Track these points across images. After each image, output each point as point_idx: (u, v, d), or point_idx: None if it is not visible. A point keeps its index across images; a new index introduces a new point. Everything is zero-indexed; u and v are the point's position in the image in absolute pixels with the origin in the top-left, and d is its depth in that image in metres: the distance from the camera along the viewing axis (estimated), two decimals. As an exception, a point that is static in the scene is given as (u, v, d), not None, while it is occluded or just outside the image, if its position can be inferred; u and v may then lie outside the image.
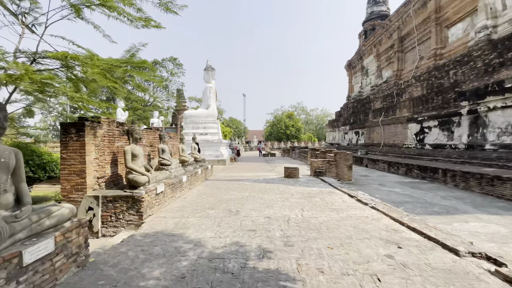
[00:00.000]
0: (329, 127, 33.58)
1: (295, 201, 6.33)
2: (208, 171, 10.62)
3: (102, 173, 5.45)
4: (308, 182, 9.30)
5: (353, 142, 24.92)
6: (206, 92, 17.52)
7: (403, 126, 16.54)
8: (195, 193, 7.47)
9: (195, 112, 17.38)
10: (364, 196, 6.73)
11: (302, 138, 53.20)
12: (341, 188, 7.77)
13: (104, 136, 5.54)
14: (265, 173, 11.97)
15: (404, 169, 12.21)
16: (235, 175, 11.33)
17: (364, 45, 28.05)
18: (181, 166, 8.52)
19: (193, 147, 10.61)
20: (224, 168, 14.59)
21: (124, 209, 4.98)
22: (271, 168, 14.37)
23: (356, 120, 25.06)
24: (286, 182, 9.22)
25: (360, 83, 29.16)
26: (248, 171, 12.90)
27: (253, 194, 7.19)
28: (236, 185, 8.80)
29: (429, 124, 13.96)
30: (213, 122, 17.50)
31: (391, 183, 10.07)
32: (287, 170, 10.28)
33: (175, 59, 54.72)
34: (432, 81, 14.94)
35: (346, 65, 33.06)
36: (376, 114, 20.86)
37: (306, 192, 7.42)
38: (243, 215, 5.16)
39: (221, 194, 7.34)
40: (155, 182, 5.77)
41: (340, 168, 10.59)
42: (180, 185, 7.08)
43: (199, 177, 9.06)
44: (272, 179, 10.00)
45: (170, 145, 9.29)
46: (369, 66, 27.34)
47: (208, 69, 17.91)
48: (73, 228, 3.03)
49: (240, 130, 63.18)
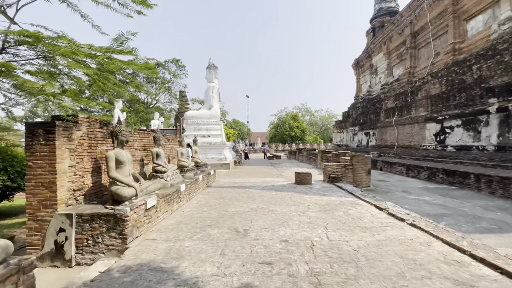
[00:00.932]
0: (336, 128, 32.41)
1: (314, 216, 5.26)
2: (210, 177, 9.59)
3: (80, 184, 4.45)
4: (324, 189, 8.22)
5: (363, 144, 23.74)
6: (209, 91, 16.55)
7: (420, 126, 15.37)
8: (195, 204, 6.43)
9: (197, 113, 16.41)
10: (396, 209, 5.63)
11: (307, 139, 52.01)
12: (364, 198, 6.67)
13: (83, 138, 4.55)
14: (273, 179, 10.90)
15: (427, 173, 11.05)
16: (240, 181, 10.29)
17: (372, 43, 26.95)
18: (180, 173, 7.50)
19: (193, 150, 9.60)
20: (228, 172, 13.56)
21: (104, 231, 3.96)
22: (278, 172, 13.30)
23: (366, 121, 23.90)
24: (299, 190, 8.14)
25: (368, 82, 28.00)
26: (254, 176, 11.85)
27: (262, 206, 6.14)
28: (242, 193, 7.76)
29: (451, 123, 12.79)
30: (216, 123, 16.51)
31: (416, 190, 8.93)
32: (298, 175, 9.21)
33: (177, 61, 54.08)
34: (453, 77, 13.78)
35: (353, 64, 31.94)
36: (388, 114, 19.71)
37: (324, 203, 6.34)
38: (253, 237, 4.10)
39: (225, 205, 6.30)
40: (145, 195, 4.75)
41: (358, 173, 9.48)
42: (178, 195, 6.05)
43: (200, 184, 8.04)
44: (281, 186, 8.93)
45: (168, 148, 8.29)
46: (378, 64, 26.20)
47: (211, 67, 16.95)
48: (5, 277, 2.01)
49: (244, 132, 62.26)
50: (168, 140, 8.20)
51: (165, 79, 53.07)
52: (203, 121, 16.05)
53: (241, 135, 57.69)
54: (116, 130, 4.63)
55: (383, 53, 24.41)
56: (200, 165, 9.50)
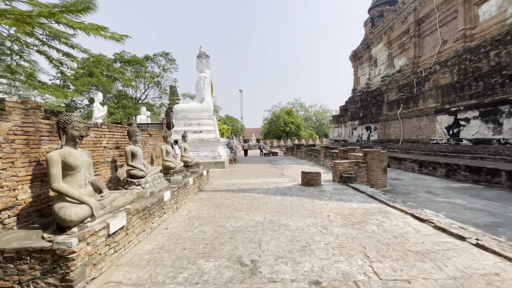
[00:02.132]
0: (334, 122, 31.32)
1: (342, 233, 3.97)
2: (203, 179, 8.20)
3: (10, 200, 3.01)
4: (338, 193, 6.95)
5: (363, 139, 22.69)
6: (200, 82, 15.02)
7: (429, 119, 14.31)
8: (183, 217, 5.05)
9: (187, 106, 14.88)
10: (443, 220, 4.40)
11: (302, 135, 50.93)
12: (393, 204, 5.43)
13: (14, 133, 3.10)
14: (275, 179, 9.59)
15: (444, 170, 9.95)
16: (238, 183, 8.94)
17: (371, 33, 25.79)
18: (164, 176, 6.09)
19: (182, 148, 8.16)
20: (223, 172, 12.17)
21: (38, 275, 2.56)
22: (279, 171, 11.98)
23: (366, 114, 22.83)
24: (309, 194, 6.85)
25: (367, 74, 26.91)
26: (253, 176, 10.50)
27: (270, 218, 4.81)
28: (242, 199, 6.41)
29: (467, 115, 11.73)
30: (209, 117, 15.05)
31: (441, 190, 7.78)
32: (305, 176, 7.92)
33: (167, 54, 52.00)
34: (466, 66, 12.70)
35: (350, 56, 30.79)
36: (391, 107, 18.64)
37: (347, 212, 5.06)
38: (266, 276, 2.78)
39: (222, 217, 4.95)
40: (109, 213, 3.34)
41: (373, 171, 8.27)
42: (160, 207, 4.66)
43: (190, 189, 6.65)
44: (287, 189, 7.63)
45: (151, 146, 6.85)
46: (378, 56, 25.09)
47: (202, 56, 15.41)
48: None
49: (237, 128, 60.77)
50: (150, 136, 6.75)
51: (154, 73, 50.95)
52: (194, 115, 14.55)
53: (235, 131, 56.20)
54: (64, 120, 3.19)
55: (384, 43, 23.28)
56: (191, 165, 8.08)
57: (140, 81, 50.15)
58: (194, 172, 7.91)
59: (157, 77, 49.94)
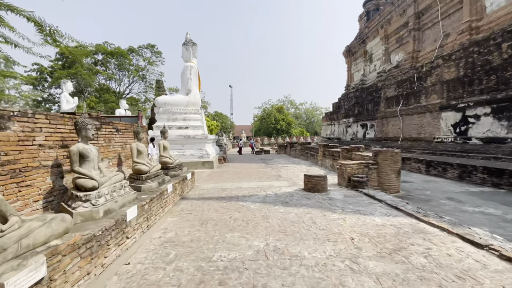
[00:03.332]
0: (326, 120, 30.43)
1: (382, 272, 2.74)
2: (186, 183, 6.82)
3: None
4: (351, 201, 5.77)
5: (358, 137, 21.83)
6: (186, 73, 13.48)
7: (432, 116, 13.46)
8: (154, 242, 3.69)
9: (172, 98, 13.30)
10: (505, 245, 3.27)
11: (293, 132, 49.98)
12: (427, 219, 4.29)
13: None
14: (272, 182, 8.32)
15: (457, 172, 9.02)
16: (229, 187, 7.61)
17: (367, 27, 24.90)
18: (133, 183, 4.69)
19: (162, 146, 6.72)
20: (212, 173, 10.79)
21: None
22: (275, 172, 10.71)
23: (361, 111, 21.96)
24: (316, 203, 5.63)
25: (362, 70, 26.07)
26: (246, 178, 9.20)
27: (274, 243, 3.54)
28: (235, 211, 5.10)
29: (476, 111, 10.88)
30: (196, 112, 13.56)
31: (463, 196, 6.77)
32: (309, 180, 6.69)
33: (152, 46, 49.56)
34: (474, 59, 11.86)
35: (344, 52, 29.89)
36: (390, 103, 17.78)
37: (373, 232, 3.86)
38: None
39: (207, 242, 3.63)
40: (14, 259, 1.95)
41: (385, 174, 7.16)
42: (120, 230, 3.29)
43: (169, 198, 5.27)
44: (288, 195, 6.38)
45: (118, 144, 5.39)
46: (373, 51, 24.25)
47: (188, 44, 13.85)
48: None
49: (227, 125, 59.16)
50: (117, 131, 5.29)
51: (139, 66, 48.40)
52: (179, 109, 13.03)
53: (225, 128, 54.59)
54: None
55: (380, 37, 22.43)
56: (172, 167, 6.66)
57: (124, 74, 47.59)
58: (175, 176, 6.50)
59: (142, 71, 47.50)
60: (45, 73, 42.15)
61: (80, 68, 40.20)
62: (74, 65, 41.35)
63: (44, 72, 41.28)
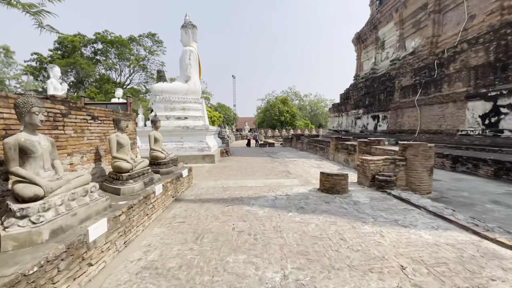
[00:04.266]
0: (333, 111, 29.12)
1: None
2: (181, 182, 5.81)
3: None
4: (381, 206, 4.72)
5: (369, 129, 20.60)
6: (185, 58, 12.32)
7: (456, 106, 12.21)
8: (130, 268, 2.70)
9: (169, 86, 12.20)
10: None
11: (297, 125, 48.70)
12: (492, 236, 3.23)
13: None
14: (281, 180, 7.28)
15: (493, 169, 7.90)
16: (232, 185, 6.60)
17: (379, 12, 23.28)
18: (111, 184, 3.69)
19: (152, 138, 5.69)
20: (213, 168, 9.78)
21: None
22: (283, 167, 9.66)
23: (373, 102, 20.67)
24: (339, 208, 4.59)
25: (373, 58, 24.58)
26: (252, 175, 8.17)
27: (295, 275, 2.52)
28: (239, 219, 4.10)
29: (511, 101, 9.63)
30: (196, 101, 12.48)
31: (508, 198, 5.68)
32: (327, 179, 5.64)
33: (153, 35, 48.05)
34: (508, 41, 10.51)
35: (353, 39, 28.29)
36: (405, 93, 16.47)
37: (427, 257, 2.82)
38: None
39: (201, 269, 2.63)
40: None
41: (415, 172, 6.08)
42: (75, 258, 2.29)
43: (157, 202, 4.27)
44: (303, 197, 5.35)
45: (96, 135, 4.36)
46: (386, 37, 22.71)
47: (187, 26, 12.64)
48: None
49: (230, 117, 58.03)
50: (93, 119, 4.25)
51: (140, 56, 47.09)
52: (177, 97, 11.95)
53: (227, 120, 53.50)
54: None
55: (394, 22, 20.88)
56: (164, 163, 5.65)
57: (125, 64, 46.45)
58: (168, 173, 5.50)
59: (142, 60, 46.26)
60: (45, 63, 41.20)
61: (79, 57, 39.09)
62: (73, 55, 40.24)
63: (43, 62, 40.34)
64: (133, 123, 5.68)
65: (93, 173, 4.21)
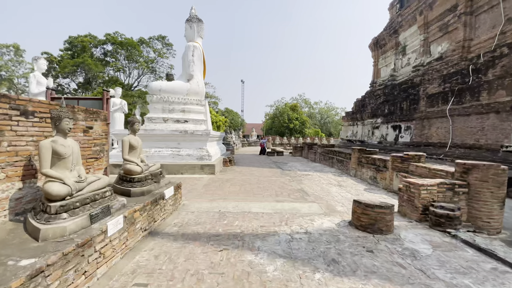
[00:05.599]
0: (347, 120, 27.36)
1: None
2: (162, 206, 4.31)
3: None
4: (455, 264, 3.08)
5: (388, 140, 18.78)
6: (188, 54, 11.01)
7: (499, 117, 10.43)
8: None
9: (168, 84, 10.86)
10: None
11: (307, 133, 46.93)
12: None
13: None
14: (295, 204, 5.68)
15: None
16: (231, 210, 5.05)
17: (400, 15, 21.73)
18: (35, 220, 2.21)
19: (126, 145, 4.22)
20: (212, 181, 8.26)
21: None
22: (296, 184, 8.01)
23: (393, 111, 18.93)
24: (393, 267, 2.98)
25: (392, 64, 22.93)
26: (258, 195, 6.58)
27: None
28: (236, 283, 2.54)
29: None
30: (198, 103, 11.10)
31: None
32: (365, 211, 4.02)
33: (163, 38, 47.66)
34: None
35: (371, 44, 26.72)
36: (433, 101, 14.73)
37: None
38: None
39: None
40: None
41: (482, 203, 4.40)
42: None
43: (111, 246, 2.76)
44: (331, 240, 3.76)
45: (29, 141, 2.92)
46: (407, 42, 21.09)
47: (192, 20, 11.39)
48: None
49: (237, 123, 56.83)
50: (24, 116, 2.81)
51: (149, 58, 46.65)
52: (177, 98, 10.60)
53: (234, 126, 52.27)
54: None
55: (418, 25, 19.29)
56: (139, 180, 4.15)
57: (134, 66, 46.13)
58: (142, 195, 4.00)
59: (151, 63, 45.82)
60: (54, 63, 41.15)
61: (87, 57, 38.79)
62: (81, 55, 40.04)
63: (53, 62, 40.29)
64: (104, 124, 4.25)
65: (18, 196, 2.76)
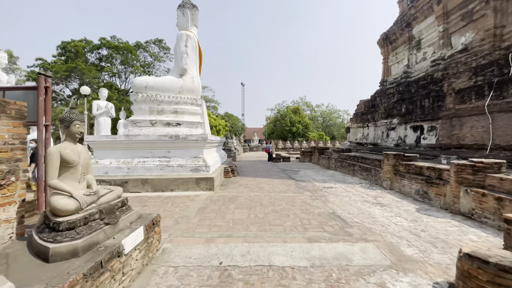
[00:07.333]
0: (356, 121, 25.49)
1: None
2: (122, 268, 2.41)
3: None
4: None
5: (408, 142, 16.84)
6: (180, 44, 9.21)
7: (562, 112, 8.55)
8: None
9: (157, 80, 9.03)
10: None
11: (310, 136, 45.07)
12: None
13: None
14: (336, 245, 3.76)
15: None
16: (238, 264, 3.15)
17: (413, 7, 20.05)
18: None
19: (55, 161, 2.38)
20: (209, 202, 6.35)
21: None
22: (323, 205, 6.03)
23: (412, 110, 17.08)
24: None
25: (405, 60, 21.17)
26: (276, 227, 4.64)
27: None
28: None
29: None
30: (193, 102, 9.25)
31: None
32: (496, 279, 2.12)
33: (160, 41, 46.17)
34: None
35: (380, 40, 24.99)
36: (463, 97, 12.89)
37: None
38: None
39: None
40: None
41: None
42: None
43: None
44: None
45: None
46: (423, 35, 19.36)
47: (186, 6, 9.62)
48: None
49: (238, 127, 55.02)
50: None
51: (146, 62, 45.10)
52: (168, 96, 8.75)
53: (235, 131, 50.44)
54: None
55: (436, 16, 17.58)
56: (69, 226, 2.27)
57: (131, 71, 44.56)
58: (75, 255, 2.11)
59: (148, 67, 44.25)
60: (48, 69, 39.47)
61: (81, 62, 37.25)
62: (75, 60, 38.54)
63: (47, 68, 38.74)
64: (17, 124, 2.40)
65: None
